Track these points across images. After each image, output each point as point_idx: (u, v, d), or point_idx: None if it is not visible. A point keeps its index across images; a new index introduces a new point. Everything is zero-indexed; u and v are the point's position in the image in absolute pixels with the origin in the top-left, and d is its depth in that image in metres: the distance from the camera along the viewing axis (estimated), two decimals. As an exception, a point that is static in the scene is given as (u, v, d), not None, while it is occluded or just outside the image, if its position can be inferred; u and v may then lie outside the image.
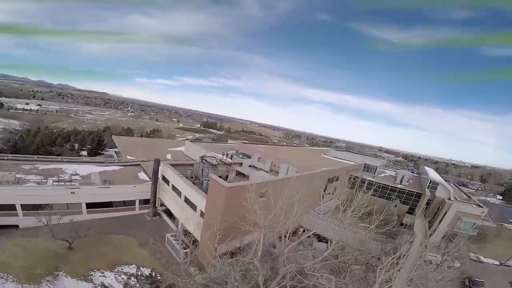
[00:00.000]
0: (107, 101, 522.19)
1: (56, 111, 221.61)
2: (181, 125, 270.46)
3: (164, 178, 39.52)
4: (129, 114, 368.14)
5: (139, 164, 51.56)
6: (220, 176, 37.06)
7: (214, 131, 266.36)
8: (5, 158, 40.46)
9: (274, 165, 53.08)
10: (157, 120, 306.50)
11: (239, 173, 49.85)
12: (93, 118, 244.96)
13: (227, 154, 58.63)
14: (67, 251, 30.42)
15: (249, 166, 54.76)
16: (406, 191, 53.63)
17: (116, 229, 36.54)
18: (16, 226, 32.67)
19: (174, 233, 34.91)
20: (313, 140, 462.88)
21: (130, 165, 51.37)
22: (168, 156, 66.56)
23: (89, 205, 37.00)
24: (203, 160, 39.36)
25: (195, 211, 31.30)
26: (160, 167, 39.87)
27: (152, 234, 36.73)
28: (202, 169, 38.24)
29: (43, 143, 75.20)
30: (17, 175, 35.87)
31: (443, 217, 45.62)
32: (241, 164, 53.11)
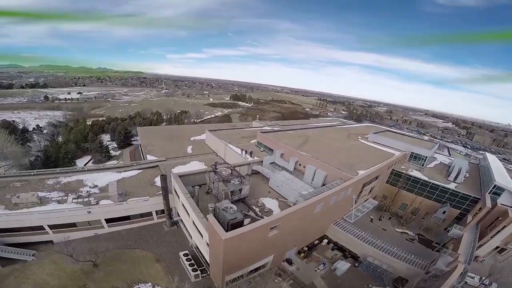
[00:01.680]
0: (142, 80, 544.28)
1: (95, 97, 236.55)
2: (211, 100, 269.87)
3: (175, 191, 37.03)
4: (163, 91, 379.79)
5: (157, 166, 50.23)
6: (232, 192, 33.18)
7: (242, 103, 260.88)
8: (31, 174, 41.94)
9: (300, 164, 46.94)
10: (188, 96, 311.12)
11: (256, 173, 45.40)
12: (129, 100, 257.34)
13: (246, 151, 53.95)
14: (92, 268, 31.57)
15: (271, 163, 49.60)
16: (460, 194, 43.15)
17: (135, 243, 36.62)
18: (51, 242, 34.79)
19: (186, 252, 33.25)
20: (350, 106, 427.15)
21: (148, 167, 50.32)
22: (189, 150, 64.75)
23: (108, 220, 37.10)
24: (215, 171, 35.30)
25: (202, 238, 28.31)
26: (171, 178, 37.28)
27: (169, 247, 36.55)
28: (213, 182, 34.39)
29: (76, 139, 79.78)
30: (41, 194, 36.76)
31: (500, 231, 35.68)
32: (261, 162, 48.22)
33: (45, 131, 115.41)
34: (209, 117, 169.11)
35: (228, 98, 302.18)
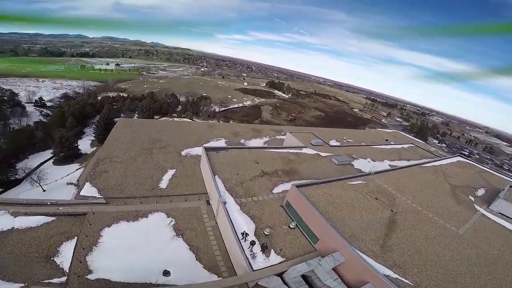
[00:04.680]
0: (187, 57, 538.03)
1: (129, 69, 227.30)
2: (245, 84, 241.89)
3: None
4: (201, 70, 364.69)
5: (85, 214, 25.59)
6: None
7: (279, 93, 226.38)
8: None
9: None
10: (223, 77, 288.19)
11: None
12: (163, 75, 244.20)
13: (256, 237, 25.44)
14: None
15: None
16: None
17: None
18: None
19: None
20: (403, 111, 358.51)
21: (68, 214, 26.34)
22: (164, 181, 37.90)
23: None
24: None
25: None
26: None
27: None
28: None
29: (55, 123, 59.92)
30: None
31: None
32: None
33: (50, 104, 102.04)
34: (235, 106, 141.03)
35: (264, 84, 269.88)
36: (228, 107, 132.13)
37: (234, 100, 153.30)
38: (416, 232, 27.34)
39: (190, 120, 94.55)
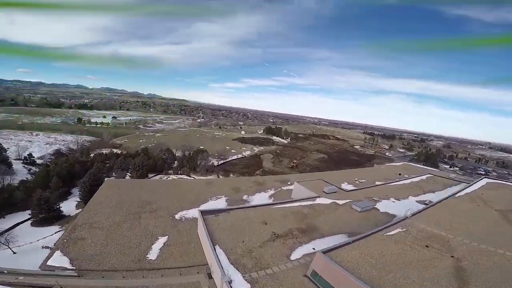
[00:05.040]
0: (183, 108, 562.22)
1: (126, 123, 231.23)
2: (242, 133, 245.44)
3: None
4: (198, 121, 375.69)
5: None
6: None
7: (277, 139, 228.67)
8: None
9: None
10: (220, 127, 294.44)
11: None
12: (160, 128, 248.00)
13: None
14: None
15: None
16: None
17: None
18: None
19: None
20: (403, 140, 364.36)
21: None
22: (154, 252, 31.84)
23: None
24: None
25: None
26: None
27: None
28: None
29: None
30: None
31: None
32: None
33: (40, 162, 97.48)
34: (234, 157, 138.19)
35: (262, 131, 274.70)
36: (227, 159, 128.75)
37: (232, 151, 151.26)
38: (496, 276, 21.50)
39: (187, 177, 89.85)
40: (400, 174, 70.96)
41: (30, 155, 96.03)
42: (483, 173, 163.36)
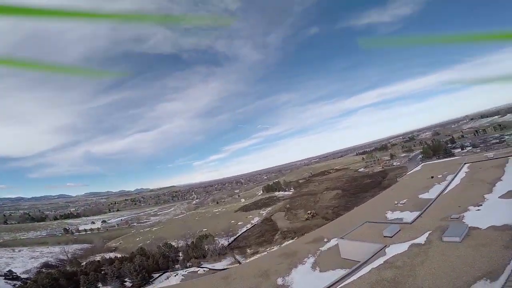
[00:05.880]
0: (174, 195, 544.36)
1: (117, 224, 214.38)
2: (242, 201, 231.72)
3: None
4: (193, 202, 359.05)
5: None
6: None
7: (281, 194, 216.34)
8: None
9: None
10: (217, 203, 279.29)
11: None
12: (156, 221, 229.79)
13: None
14: None
15: None
16: None
17: None
18: None
19: None
20: (396, 146, 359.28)
21: None
22: None
23: None
24: None
25: None
26: None
27: None
28: None
29: None
30: None
31: None
32: None
33: (26, 276, 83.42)
34: (244, 229, 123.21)
35: (261, 192, 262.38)
36: (237, 234, 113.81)
37: (239, 223, 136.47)
38: None
39: (198, 269, 74.70)
40: (432, 177, 60.56)
41: (10, 271, 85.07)
42: (498, 141, 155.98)
